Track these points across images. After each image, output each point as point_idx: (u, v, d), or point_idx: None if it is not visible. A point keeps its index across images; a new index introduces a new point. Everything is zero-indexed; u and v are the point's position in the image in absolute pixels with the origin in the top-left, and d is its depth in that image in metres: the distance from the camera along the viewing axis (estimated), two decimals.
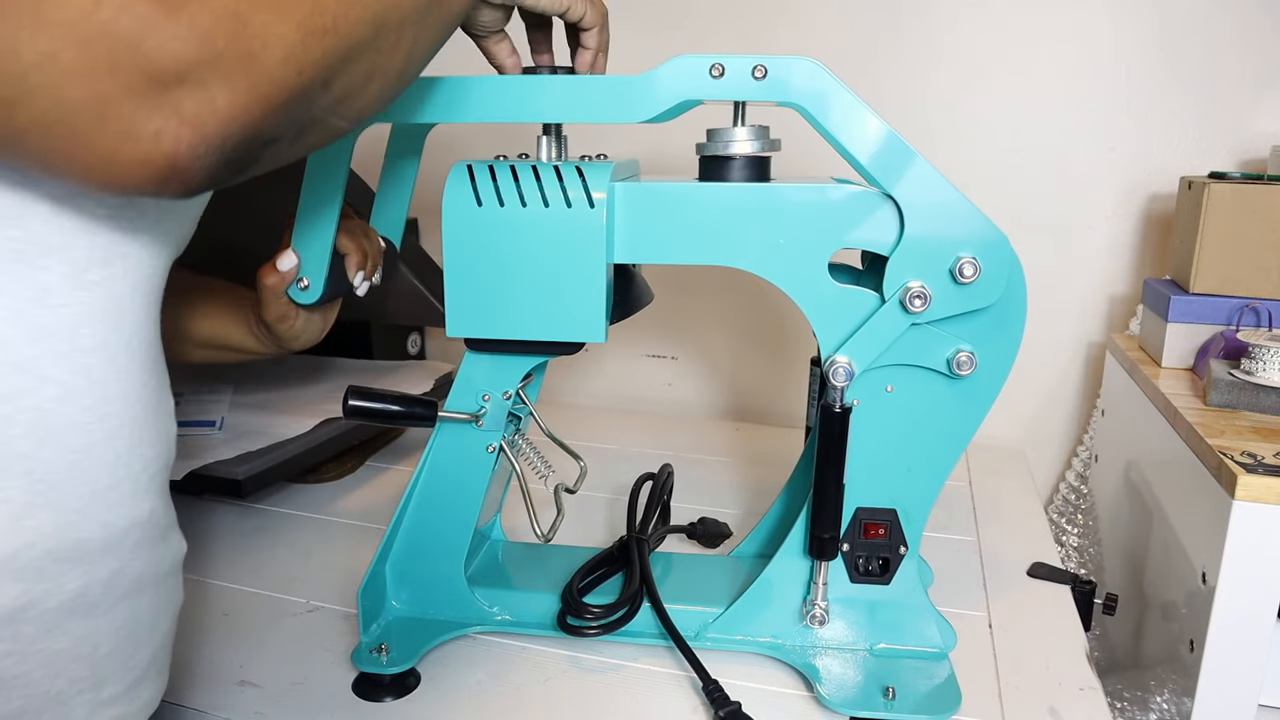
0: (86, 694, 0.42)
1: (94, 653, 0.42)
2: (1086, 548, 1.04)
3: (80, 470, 0.40)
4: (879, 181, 0.55)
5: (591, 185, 0.57)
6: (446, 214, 0.58)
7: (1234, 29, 1.00)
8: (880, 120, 0.55)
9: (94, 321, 0.40)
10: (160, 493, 0.46)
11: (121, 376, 0.42)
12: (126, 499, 0.42)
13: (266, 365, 1.14)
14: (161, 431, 0.45)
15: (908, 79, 1.10)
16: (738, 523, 0.86)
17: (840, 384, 0.58)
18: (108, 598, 0.42)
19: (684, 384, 1.29)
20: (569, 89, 0.56)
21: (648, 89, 0.55)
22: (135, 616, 0.44)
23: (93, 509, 0.41)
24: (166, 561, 0.47)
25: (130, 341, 0.42)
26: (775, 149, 0.60)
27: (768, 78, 0.55)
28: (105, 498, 0.41)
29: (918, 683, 0.60)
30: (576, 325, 0.59)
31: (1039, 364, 1.13)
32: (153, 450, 0.44)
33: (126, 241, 0.41)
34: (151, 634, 0.46)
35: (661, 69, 0.55)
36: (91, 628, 0.42)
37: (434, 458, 0.65)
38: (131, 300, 0.42)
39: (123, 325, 0.42)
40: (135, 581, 0.44)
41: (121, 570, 0.43)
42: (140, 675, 0.45)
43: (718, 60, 0.54)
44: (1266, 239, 0.88)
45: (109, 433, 0.41)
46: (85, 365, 0.40)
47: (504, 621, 0.67)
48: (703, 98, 0.55)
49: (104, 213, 0.39)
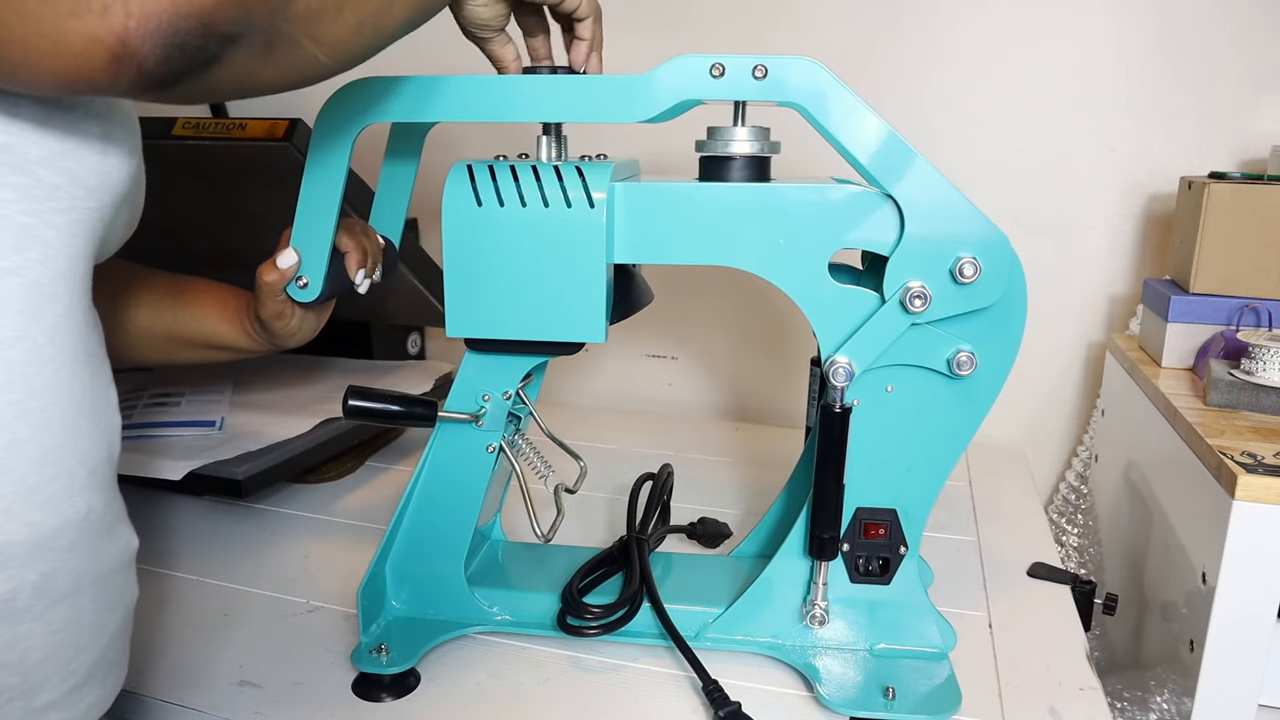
0: (16, 702, 0.40)
1: (23, 660, 0.40)
2: (1086, 548, 1.04)
3: (4, 468, 0.38)
4: (879, 181, 0.55)
5: (591, 185, 0.57)
6: (446, 214, 0.58)
7: (1234, 29, 1.00)
8: (880, 120, 0.55)
9: (11, 311, 0.38)
10: (101, 489, 0.44)
11: (47, 369, 0.40)
12: (59, 497, 0.41)
13: (266, 365, 1.14)
14: (100, 425, 0.44)
15: (907, 79, 1.10)
16: (738, 523, 0.86)
17: (840, 384, 0.58)
18: (39, 601, 0.40)
19: (684, 384, 1.29)
20: (569, 89, 0.56)
21: (648, 89, 0.55)
22: (74, 619, 0.42)
23: (18, 508, 0.39)
24: (112, 559, 0.45)
25: (55, 334, 0.40)
26: (775, 150, 0.60)
27: (768, 77, 0.55)
28: (32, 496, 0.40)
29: (918, 683, 0.60)
30: (576, 325, 0.59)
31: (1039, 364, 1.13)
32: (90, 445, 0.43)
33: (41, 226, 0.39)
34: (96, 635, 0.44)
35: (662, 69, 0.55)
36: (21, 633, 0.40)
37: (434, 458, 0.65)
38: (53, 289, 0.40)
39: (44, 316, 0.40)
40: (73, 583, 0.42)
41: (54, 572, 0.41)
42: (83, 679, 0.44)
43: (718, 60, 0.54)
44: (1266, 239, 0.88)
45: (36, 428, 0.39)
46: (5, 358, 0.38)
47: (504, 621, 0.67)
48: (703, 98, 0.55)
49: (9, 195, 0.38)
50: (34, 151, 0.39)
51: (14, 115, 0.38)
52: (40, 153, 0.39)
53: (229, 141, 0.85)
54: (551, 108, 0.57)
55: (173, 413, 0.98)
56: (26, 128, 0.38)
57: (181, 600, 0.73)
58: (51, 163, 0.39)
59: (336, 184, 0.60)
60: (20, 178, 0.38)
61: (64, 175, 0.40)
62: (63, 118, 0.40)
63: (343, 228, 0.63)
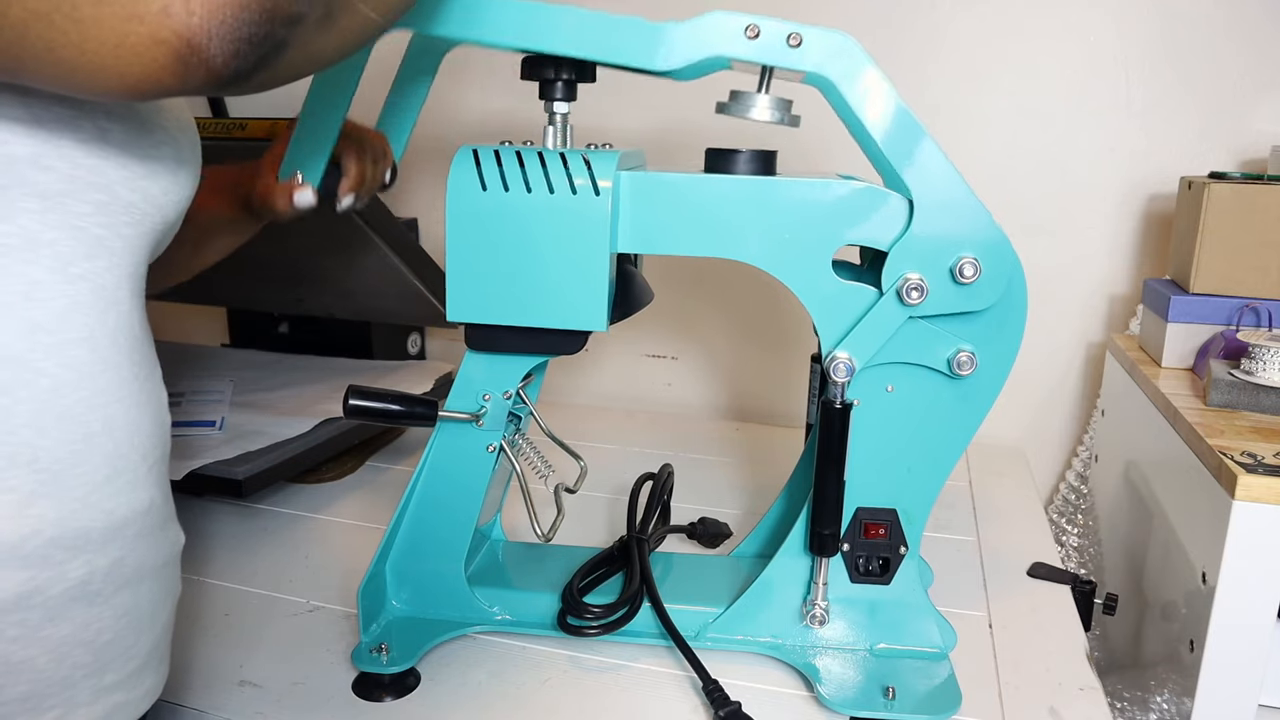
0: (90, 679, 0.43)
1: (96, 639, 0.43)
2: (1086, 548, 1.04)
3: (81, 460, 0.41)
4: (892, 165, 0.55)
5: (597, 173, 0.56)
6: (451, 198, 0.57)
7: (1234, 29, 1.00)
8: (903, 103, 0.54)
9: (81, 314, 0.40)
10: (158, 484, 0.46)
11: (109, 369, 0.42)
12: (126, 489, 0.43)
13: (266, 365, 1.14)
14: (156, 423, 0.46)
15: (908, 79, 1.09)
16: (738, 523, 0.86)
17: (841, 380, 0.58)
18: (109, 586, 0.43)
19: (684, 384, 1.29)
20: (597, 24, 0.55)
21: (679, 37, 0.54)
22: (136, 605, 0.45)
23: (94, 498, 0.41)
24: (165, 552, 0.47)
25: (116, 334, 0.42)
26: (795, 124, 0.59)
27: (802, 45, 0.54)
28: (105, 488, 0.42)
29: (918, 683, 0.60)
30: (578, 313, 0.58)
31: (1039, 364, 1.13)
32: (149, 442, 0.45)
33: (112, 237, 0.42)
34: (152, 623, 0.47)
35: (697, 20, 0.54)
36: (94, 614, 0.42)
37: (434, 458, 0.65)
38: (116, 293, 0.42)
39: (108, 318, 0.42)
40: (136, 570, 0.44)
41: (122, 559, 0.43)
42: (141, 663, 0.46)
43: (755, 21, 0.54)
44: (1266, 239, 0.88)
45: (104, 424, 0.42)
46: (74, 358, 0.40)
47: (504, 621, 0.67)
48: (734, 56, 0.54)
49: (88, 209, 0.40)
50: (116, 173, 0.41)
51: (103, 140, 0.40)
52: (122, 174, 0.41)
53: (229, 141, 0.85)
54: (574, 39, 0.55)
55: (173, 413, 0.96)
56: (111, 150, 0.41)
57: (182, 600, 0.73)
58: (130, 182, 0.42)
59: (347, 92, 0.58)
60: (101, 195, 0.41)
61: (140, 194, 0.43)
62: (143, 141, 0.42)
63: (354, 145, 0.62)
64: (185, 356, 1.17)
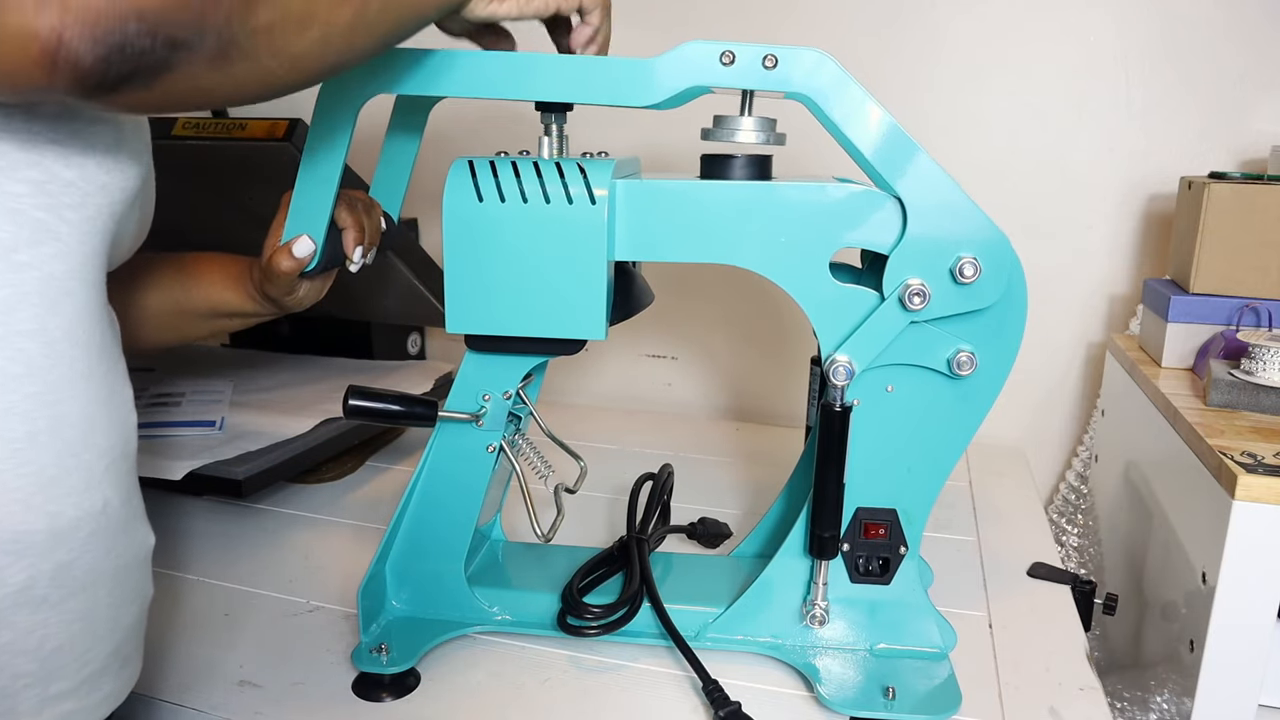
0: (33, 689, 0.41)
1: (40, 647, 0.41)
2: (1086, 548, 1.04)
3: (24, 459, 0.39)
4: (883, 176, 0.55)
5: (593, 182, 0.57)
6: (447, 209, 0.57)
7: (1234, 29, 1.00)
8: (886, 115, 0.55)
9: (28, 305, 0.39)
10: (118, 485, 0.44)
11: (62, 363, 0.40)
12: (76, 490, 0.41)
13: (266, 365, 1.14)
14: (116, 421, 0.44)
15: (908, 79, 1.10)
16: (738, 523, 0.86)
17: (840, 383, 0.58)
18: (56, 591, 0.41)
19: (684, 384, 1.29)
20: (578, 69, 0.55)
21: (657, 73, 0.55)
22: (90, 610, 0.43)
23: (37, 499, 0.40)
24: (128, 555, 0.45)
25: (71, 329, 0.41)
26: (780, 142, 0.60)
27: (778, 67, 0.54)
28: (51, 488, 0.40)
29: (918, 683, 0.60)
30: (577, 322, 0.59)
31: (1039, 364, 1.13)
32: (107, 440, 0.43)
33: (55, 222, 0.40)
34: (111, 628, 0.45)
35: (672, 53, 0.54)
36: (38, 621, 0.41)
37: (434, 458, 0.65)
38: (68, 283, 0.41)
39: (61, 311, 0.40)
40: (89, 574, 0.42)
41: (71, 563, 0.41)
42: (98, 669, 0.44)
43: (729, 48, 0.54)
44: (1266, 239, 0.88)
45: (54, 420, 0.40)
46: (23, 350, 0.39)
47: (504, 621, 0.67)
48: (712, 84, 0.55)
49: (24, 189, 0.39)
50: (49, 148, 0.39)
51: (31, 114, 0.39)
52: (56, 150, 0.40)
53: (229, 141, 0.85)
54: (559, 87, 0.56)
55: (173, 413, 0.98)
56: (41, 126, 0.39)
57: (182, 600, 0.73)
58: (66, 158, 0.40)
59: (339, 154, 0.59)
60: (36, 173, 0.39)
61: (77, 170, 0.41)
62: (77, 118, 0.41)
63: (344, 201, 0.62)
64: (185, 356, 1.17)
